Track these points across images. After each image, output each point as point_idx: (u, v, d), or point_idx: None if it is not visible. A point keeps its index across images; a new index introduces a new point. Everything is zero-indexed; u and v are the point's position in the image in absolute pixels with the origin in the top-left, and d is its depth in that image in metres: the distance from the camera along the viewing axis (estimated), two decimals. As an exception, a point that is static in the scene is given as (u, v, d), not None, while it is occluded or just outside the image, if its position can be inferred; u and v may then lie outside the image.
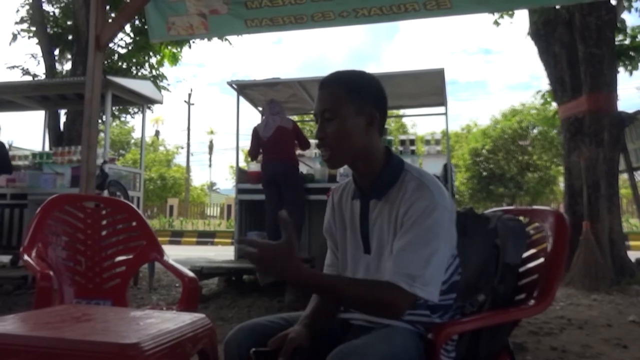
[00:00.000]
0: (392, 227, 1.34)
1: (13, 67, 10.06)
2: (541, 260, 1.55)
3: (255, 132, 5.75)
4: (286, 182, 5.49)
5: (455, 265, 1.40)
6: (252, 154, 5.85)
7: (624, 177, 7.01)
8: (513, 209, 1.73)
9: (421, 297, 1.24)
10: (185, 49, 10.58)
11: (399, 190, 1.35)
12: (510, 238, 1.53)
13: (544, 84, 7.84)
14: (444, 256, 1.30)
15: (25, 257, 2.01)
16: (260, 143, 5.66)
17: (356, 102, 1.36)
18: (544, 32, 7.08)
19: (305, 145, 5.98)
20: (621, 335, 3.51)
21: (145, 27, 8.13)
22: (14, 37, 10.23)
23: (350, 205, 1.48)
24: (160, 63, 10.57)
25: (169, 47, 10.17)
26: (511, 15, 8.33)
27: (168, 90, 11.18)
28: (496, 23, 8.26)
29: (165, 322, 1.35)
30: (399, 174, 1.38)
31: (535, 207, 1.79)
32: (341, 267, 1.51)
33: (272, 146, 5.55)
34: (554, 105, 8.04)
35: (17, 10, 10.35)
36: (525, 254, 1.58)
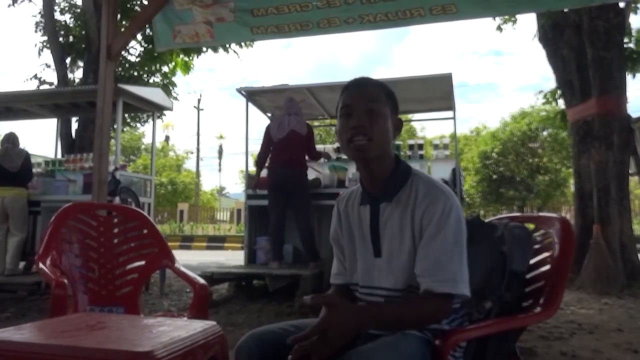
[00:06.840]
0: (409, 229, 1.38)
1: (30, 79, 10.25)
2: (547, 267, 1.56)
3: (268, 132, 5.49)
4: (295, 189, 5.28)
5: None
6: (262, 157, 5.56)
7: (635, 180, 6.96)
8: (519, 216, 1.75)
9: (466, 296, 1.31)
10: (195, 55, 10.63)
11: (410, 193, 1.40)
12: (516, 245, 1.54)
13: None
14: (466, 252, 1.37)
15: (41, 265, 2.05)
16: (271, 143, 5.44)
17: (391, 107, 1.46)
18: (552, 36, 7.07)
19: (315, 157, 5.79)
20: (632, 340, 3.49)
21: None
22: (36, 46, 10.45)
23: (358, 211, 1.52)
24: (173, 72, 10.59)
25: (181, 56, 10.20)
26: (514, 22, 8.35)
27: (177, 99, 11.26)
28: (499, 29, 8.29)
29: (177, 329, 1.39)
30: (407, 177, 1.44)
31: (541, 214, 1.81)
32: (349, 275, 1.54)
33: (283, 149, 5.33)
34: (560, 104, 7.98)
35: (36, 23, 10.54)
36: (532, 261, 1.60)
